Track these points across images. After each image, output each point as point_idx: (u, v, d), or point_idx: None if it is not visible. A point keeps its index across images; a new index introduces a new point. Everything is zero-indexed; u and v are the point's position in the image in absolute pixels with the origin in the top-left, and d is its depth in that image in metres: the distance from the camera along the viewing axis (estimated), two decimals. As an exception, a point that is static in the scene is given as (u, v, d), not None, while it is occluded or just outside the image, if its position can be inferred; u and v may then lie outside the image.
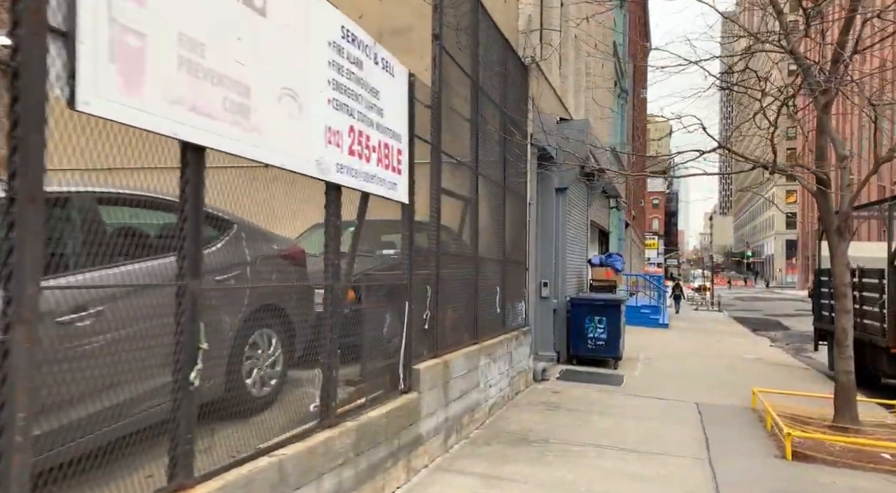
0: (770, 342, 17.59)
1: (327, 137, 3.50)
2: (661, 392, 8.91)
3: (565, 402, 7.94)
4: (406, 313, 4.73)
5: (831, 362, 11.63)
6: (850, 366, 6.85)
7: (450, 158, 6.01)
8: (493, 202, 7.84)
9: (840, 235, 6.95)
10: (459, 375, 5.84)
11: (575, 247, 13.06)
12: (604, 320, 10.88)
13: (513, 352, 7.98)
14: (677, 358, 12.71)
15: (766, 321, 26.69)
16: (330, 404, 3.64)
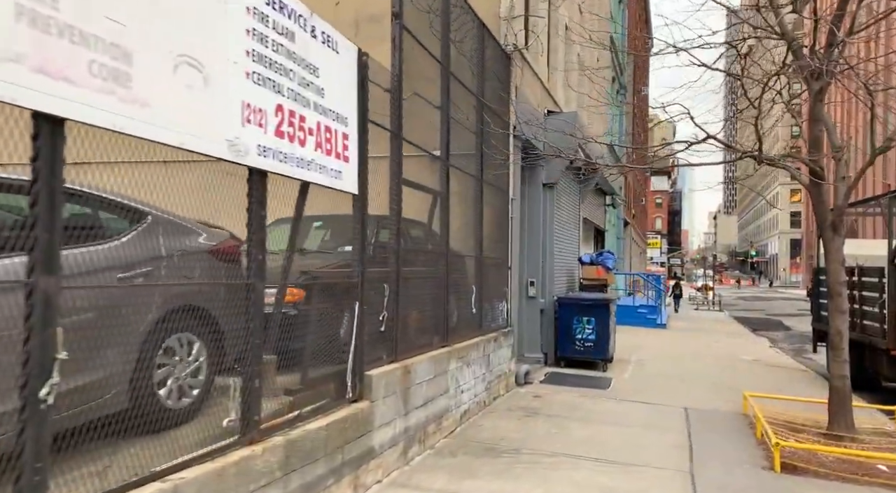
0: (769, 343, 17.15)
1: (245, 116, 3.10)
2: (649, 396, 8.49)
3: (546, 407, 7.52)
4: (355, 315, 4.32)
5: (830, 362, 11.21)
6: (844, 370, 6.42)
7: (414, 147, 5.61)
8: (468, 196, 7.44)
9: (834, 231, 6.53)
10: (424, 380, 5.43)
11: (565, 245, 12.65)
12: (592, 321, 10.46)
13: (491, 355, 7.58)
14: (671, 360, 12.29)
15: (768, 321, 26.23)
16: (251, 417, 3.24)
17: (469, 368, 6.70)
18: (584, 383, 9.22)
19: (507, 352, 8.34)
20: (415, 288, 5.63)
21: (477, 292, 7.41)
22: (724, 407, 8.06)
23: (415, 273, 5.63)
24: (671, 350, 13.94)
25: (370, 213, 5.08)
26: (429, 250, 6.17)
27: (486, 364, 7.36)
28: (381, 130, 4.94)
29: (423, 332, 5.81)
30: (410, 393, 5.13)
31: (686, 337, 17.28)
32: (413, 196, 6.05)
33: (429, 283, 5.98)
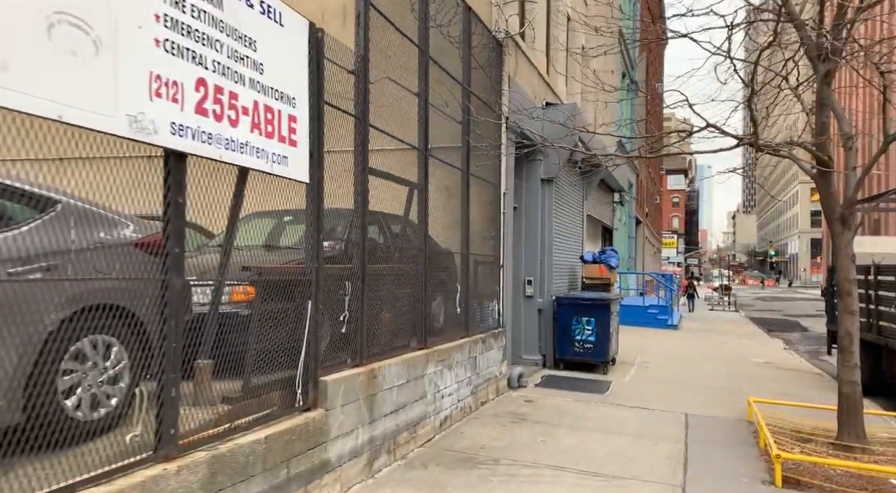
0: (784, 345, 16.54)
1: (154, 89, 2.75)
2: (648, 401, 8.04)
3: (535, 413, 7.11)
4: (307, 316, 3.96)
5: (845, 367, 10.65)
6: (855, 375, 5.94)
7: (387, 136, 5.24)
8: (453, 190, 7.05)
9: (843, 225, 6.04)
10: (395, 385, 5.05)
11: (566, 242, 12.21)
12: (592, 321, 10.02)
13: (478, 357, 7.18)
14: (677, 362, 11.80)
15: (784, 322, 25.51)
16: (166, 431, 2.88)
17: (451, 371, 6.31)
18: (581, 387, 8.78)
19: (497, 354, 7.93)
20: (387, 287, 5.26)
21: (463, 292, 7.02)
22: (728, 413, 7.59)
23: (385, 271, 5.26)
24: (679, 352, 13.43)
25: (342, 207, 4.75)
26: (406, 247, 5.79)
27: (472, 367, 6.96)
28: (346, 116, 4.58)
29: (397, 333, 5.44)
30: (377, 400, 4.75)
31: (696, 338, 16.73)
32: (394, 189, 5.69)
33: (405, 281, 5.61)
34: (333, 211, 4.75)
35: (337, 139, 4.54)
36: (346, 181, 4.75)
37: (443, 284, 6.91)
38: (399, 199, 5.61)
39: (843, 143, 6.13)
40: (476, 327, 7.39)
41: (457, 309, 6.82)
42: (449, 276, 6.87)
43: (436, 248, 6.83)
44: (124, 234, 3.39)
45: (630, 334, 16.97)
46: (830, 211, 6.09)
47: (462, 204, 7.11)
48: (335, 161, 4.58)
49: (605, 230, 18.56)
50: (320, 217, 4.07)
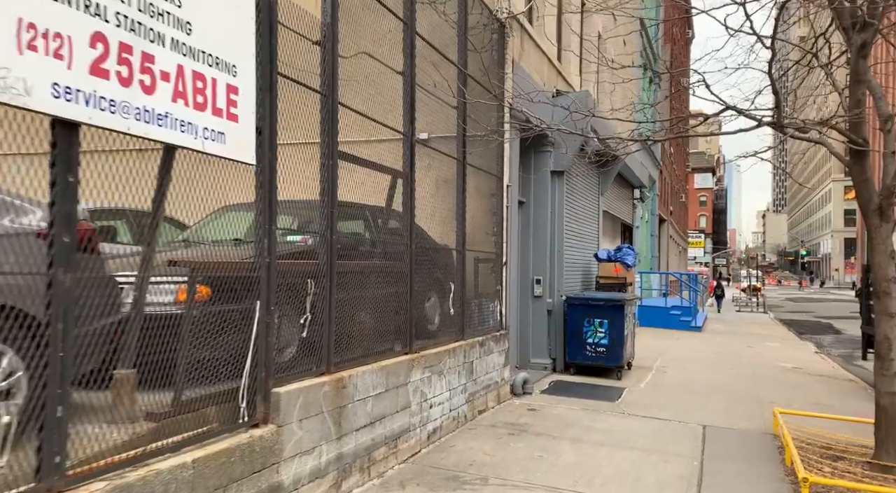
0: (815, 348, 15.66)
1: (26, 40, 2.26)
2: (663, 411, 7.39)
3: (537, 423, 6.53)
4: (255, 319, 3.45)
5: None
6: (894, 386, 5.25)
7: (368, 120, 4.72)
8: (447, 181, 6.52)
9: (881, 216, 5.35)
10: (371, 395, 4.53)
11: (580, 240, 11.57)
12: (605, 323, 9.38)
13: (475, 362, 6.63)
14: (698, 367, 11.08)
15: (816, 324, 24.45)
16: (50, 459, 2.39)
17: (442, 378, 5.77)
18: (591, 394, 8.16)
19: (498, 359, 7.36)
20: (365, 286, 4.74)
21: (458, 291, 6.47)
22: (751, 425, 6.91)
23: (366, 268, 4.74)
24: (701, 356, 12.68)
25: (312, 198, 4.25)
26: (389, 242, 5.26)
27: (467, 373, 6.41)
28: (312, 92, 4.07)
29: (378, 337, 4.91)
30: (347, 412, 4.23)
31: (721, 341, 15.93)
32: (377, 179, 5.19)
33: (388, 280, 5.08)
34: (301, 202, 4.26)
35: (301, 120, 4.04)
36: (315, 168, 4.26)
37: (435, 283, 6.38)
38: (374, 185, 5.08)
39: (880, 123, 5.44)
40: (474, 329, 6.84)
41: (450, 310, 6.28)
42: (443, 274, 6.34)
43: (426, 243, 6.30)
44: (22, 222, 2.92)
45: (651, 336, 16.25)
46: (866, 201, 5.41)
47: (458, 196, 6.57)
48: (306, 147, 4.09)
49: (625, 228, 17.83)
50: (272, 205, 3.56)
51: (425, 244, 5.88)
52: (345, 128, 4.67)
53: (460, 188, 6.58)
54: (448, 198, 6.37)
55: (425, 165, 6.48)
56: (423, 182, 6.24)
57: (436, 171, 6.06)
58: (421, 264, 6.07)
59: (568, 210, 10.69)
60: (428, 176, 6.57)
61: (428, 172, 7.00)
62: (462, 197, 6.58)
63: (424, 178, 6.13)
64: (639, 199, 17.87)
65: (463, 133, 6.60)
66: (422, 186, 5.97)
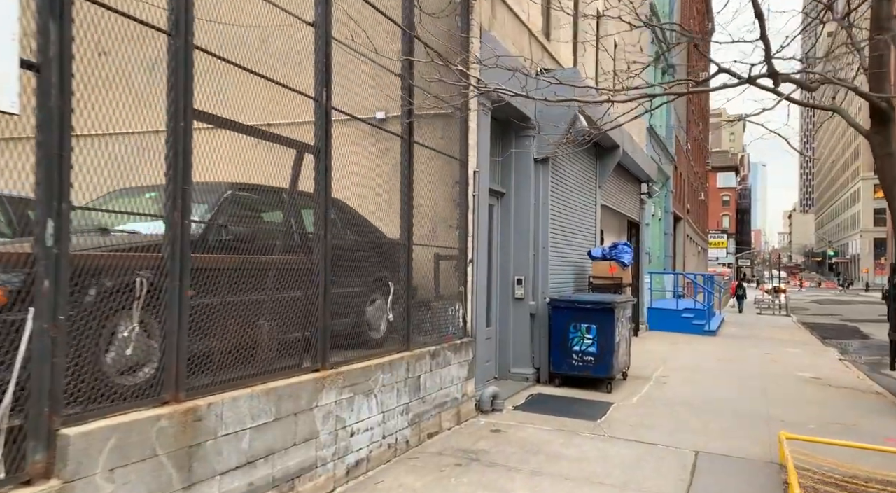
0: (839, 355, 14.38)
1: None
2: (651, 432, 6.35)
3: (496, 450, 5.53)
4: (26, 334, 2.53)
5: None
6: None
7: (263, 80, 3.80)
8: (386, 162, 5.58)
9: (912, 200, 4.29)
10: (247, 427, 3.58)
11: (573, 236, 10.52)
12: (593, 329, 8.34)
13: (424, 376, 5.66)
14: (704, 377, 9.97)
15: (842, 328, 22.99)
16: None
17: (371, 398, 4.81)
18: (571, 411, 7.13)
19: (458, 371, 6.38)
20: (247, 287, 3.81)
21: (401, 292, 5.52)
22: (754, 451, 5.84)
23: (249, 264, 3.81)
24: (709, 364, 11.54)
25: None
26: (292, 233, 4.33)
27: (412, 391, 5.44)
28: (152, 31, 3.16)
29: (269, 352, 3.97)
30: (206, 451, 3.29)
31: (735, 347, 14.72)
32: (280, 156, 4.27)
33: (290, 280, 4.14)
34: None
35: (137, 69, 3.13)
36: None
37: (380, 283, 5.44)
38: (270, 159, 4.15)
39: (908, 86, 4.37)
40: (425, 337, 5.88)
41: (387, 315, 5.33)
42: (375, 272, 5.40)
43: (371, 237, 5.37)
44: None
45: (658, 341, 15.12)
46: (891, 179, 4.34)
47: (402, 181, 5.62)
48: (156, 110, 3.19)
49: (632, 225, 16.69)
50: (62, 174, 2.64)
51: (346, 239, 4.96)
52: (243, 100, 3.78)
53: (405, 171, 5.62)
54: (379, 180, 5.43)
55: (354, 140, 5.57)
56: (348, 160, 5.32)
57: (352, 143, 5.12)
58: (355, 260, 5.15)
59: (556, 203, 9.66)
60: (351, 153, 5.65)
61: (385, 157, 6.08)
62: (408, 181, 5.63)
63: (350, 155, 5.20)
64: (646, 194, 16.71)
65: (409, 106, 5.64)
66: (347, 166, 5.05)
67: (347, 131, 5.76)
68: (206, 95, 3.62)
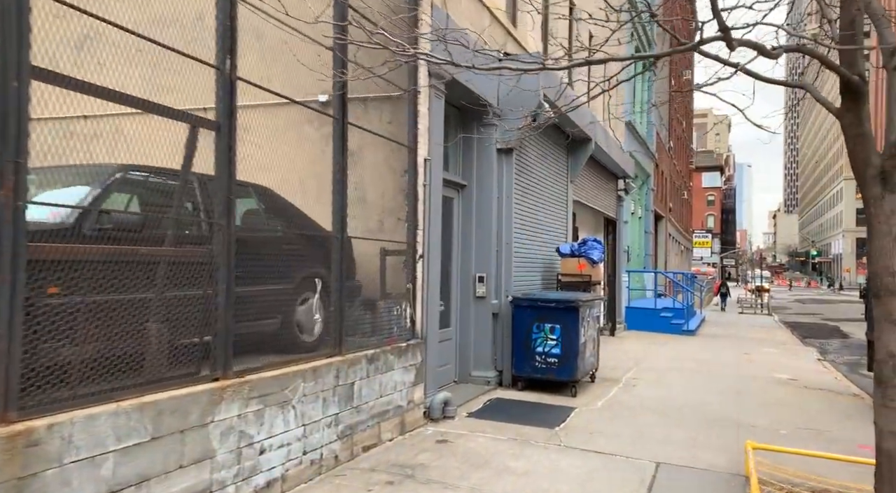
0: (818, 355, 14.06)
1: None
2: (611, 441, 5.87)
3: (437, 464, 5.02)
4: None
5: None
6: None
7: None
8: (327, 148, 5.07)
9: (884, 184, 3.84)
10: (110, 450, 3.02)
11: (541, 232, 10.05)
12: (557, 329, 7.86)
13: (359, 383, 5.14)
14: (676, 379, 9.53)
15: (822, 328, 22.77)
16: None
17: (289, 410, 4.28)
18: (530, 417, 6.64)
19: (403, 376, 5.87)
20: (120, 285, 3.27)
21: (334, 290, 4.99)
22: (720, 461, 5.38)
23: (119, 256, 3.27)
24: (685, 365, 11.12)
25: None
26: (191, 221, 3.80)
27: (343, 399, 4.92)
28: None
29: (151, 360, 3.43)
30: (44, 483, 2.72)
31: (713, 347, 14.34)
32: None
33: (179, 274, 3.61)
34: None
35: None
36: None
37: (298, 280, 4.92)
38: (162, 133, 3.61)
39: (883, 58, 3.91)
40: (362, 339, 5.36)
41: (313, 315, 4.81)
42: (297, 266, 4.88)
43: (271, 229, 4.86)
44: None
45: (634, 341, 14.72)
46: (863, 163, 3.88)
47: (335, 166, 5.09)
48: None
49: (609, 222, 16.27)
50: None
51: (304, 230, 4.47)
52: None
53: (338, 156, 5.10)
54: (306, 164, 4.91)
55: (314, 133, 5.09)
56: (299, 149, 4.82)
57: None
58: (282, 254, 4.63)
59: (522, 196, 9.18)
60: (329, 148, 5.15)
61: (330, 143, 5.55)
62: (341, 167, 5.10)
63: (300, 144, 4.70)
64: (623, 191, 16.29)
65: (342, 85, 5.12)
66: (293, 154, 4.56)
67: (286, 115, 5.25)
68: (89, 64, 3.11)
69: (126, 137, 3.79)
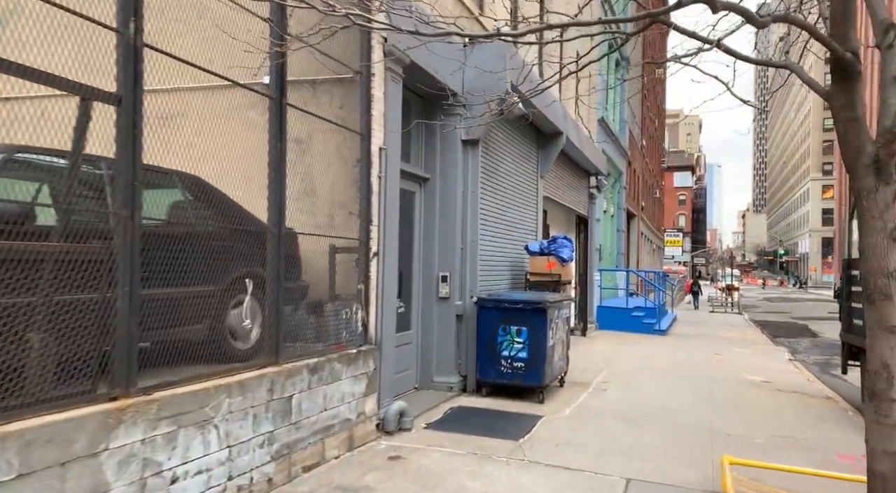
0: (789, 354, 13.89)
1: None
2: (578, 453, 5.42)
3: (385, 486, 4.51)
4: None
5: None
6: (893, 443, 3.34)
7: None
8: (252, 130, 4.52)
9: (878, 174, 3.44)
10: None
11: (508, 229, 9.59)
12: (523, 332, 7.41)
13: (299, 396, 4.60)
14: (647, 382, 9.16)
15: (791, 327, 22.84)
16: None
17: (209, 431, 3.73)
18: (493, 428, 6.17)
19: (353, 386, 5.34)
20: None
21: (269, 290, 4.45)
22: (694, 477, 4.97)
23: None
24: (657, 366, 10.78)
25: None
26: (79, 210, 3.22)
27: (279, 415, 4.38)
28: None
29: (41, 377, 2.87)
30: None
31: (685, 347, 14.07)
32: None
33: (69, 274, 3.04)
34: None
35: None
36: None
37: (229, 280, 4.37)
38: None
39: (877, 37, 3.51)
40: (304, 346, 4.82)
41: (243, 320, 4.26)
42: (251, 267, 4.33)
43: (198, 223, 4.30)
44: None
45: (606, 341, 14.41)
46: (854, 151, 3.48)
47: (272, 152, 4.55)
48: None
49: (581, 220, 15.91)
50: None
51: (241, 225, 3.91)
52: None
53: (275, 142, 4.55)
54: (237, 149, 4.35)
55: (258, 118, 4.54)
56: (241, 137, 4.27)
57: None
58: (210, 251, 4.08)
59: (489, 191, 8.72)
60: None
61: (254, 131, 5.00)
62: (278, 153, 4.55)
63: (240, 131, 4.15)
64: (596, 188, 15.94)
65: (281, 61, 4.57)
66: (234, 142, 4.01)
67: (228, 99, 4.69)
68: None
69: (17, 115, 3.21)
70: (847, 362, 8.91)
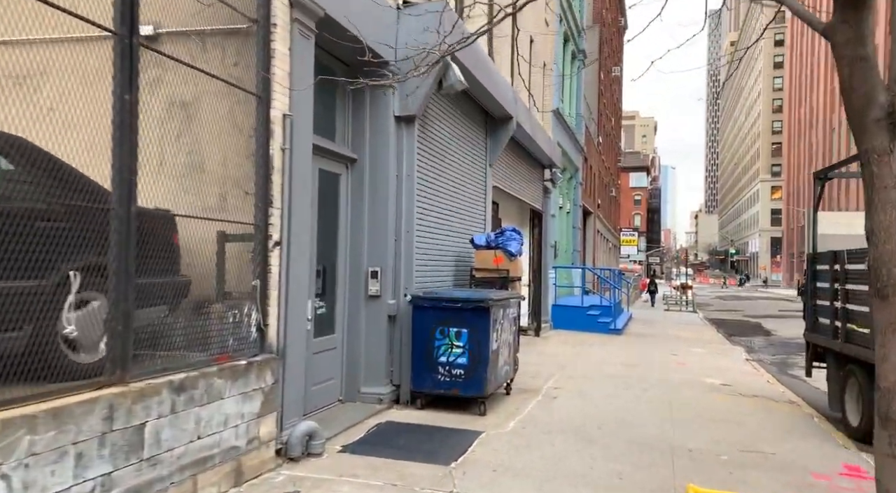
0: (746, 354, 13.41)
1: None
2: (520, 481, 4.52)
3: (266, 535, 3.52)
4: None
5: (833, 396, 7.40)
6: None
7: None
8: (151, 97, 3.46)
9: (893, 131, 2.62)
10: None
11: (451, 220, 8.67)
12: (464, 335, 6.49)
13: (157, 422, 3.56)
14: (601, 388, 8.37)
15: (745, 324, 22.67)
16: None
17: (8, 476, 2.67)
18: (421, 450, 5.22)
19: (241, 406, 4.31)
20: None
21: (114, 289, 3.40)
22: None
23: None
24: (611, 369, 10.03)
25: None
26: None
27: (124, 451, 3.33)
28: None
29: None
30: None
31: (641, 347, 13.43)
32: None
33: None
34: None
35: None
36: None
37: (64, 274, 3.30)
38: None
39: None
40: (168, 358, 3.78)
41: (66, 327, 3.20)
42: (96, 258, 3.26)
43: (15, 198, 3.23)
44: None
45: (560, 341, 13.66)
46: (862, 100, 2.66)
47: (115, 106, 3.48)
48: None
49: (535, 215, 15.13)
50: None
51: (86, 203, 2.83)
52: None
53: (122, 91, 3.48)
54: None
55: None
56: (95, 97, 3.20)
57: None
58: (33, 235, 3.02)
59: (429, 176, 7.77)
60: (154, 96, 3.53)
61: (155, 89, 3.95)
62: (126, 107, 3.49)
63: (96, 90, 3.06)
64: (550, 181, 15.19)
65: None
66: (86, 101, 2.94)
67: (97, 53, 3.61)
68: None
69: None
70: (812, 364, 8.32)
